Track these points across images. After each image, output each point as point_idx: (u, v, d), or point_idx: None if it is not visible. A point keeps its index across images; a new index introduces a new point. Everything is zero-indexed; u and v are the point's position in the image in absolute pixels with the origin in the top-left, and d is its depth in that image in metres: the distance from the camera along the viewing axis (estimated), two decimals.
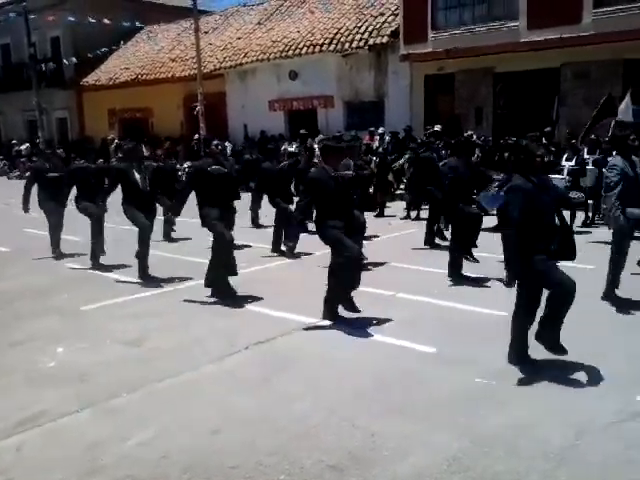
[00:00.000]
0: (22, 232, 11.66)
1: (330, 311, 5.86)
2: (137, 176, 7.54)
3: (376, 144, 16.35)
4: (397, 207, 13.14)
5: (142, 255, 7.68)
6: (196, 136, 21.17)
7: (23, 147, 27.66)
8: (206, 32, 24.45)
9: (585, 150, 10.80)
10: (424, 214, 12.06)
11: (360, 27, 18.48)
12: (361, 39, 18.08)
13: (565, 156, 11.19)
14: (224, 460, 3.52)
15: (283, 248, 9.08)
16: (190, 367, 4.90)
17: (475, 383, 4.40)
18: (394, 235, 10.39)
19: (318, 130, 18.82)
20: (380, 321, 5.79)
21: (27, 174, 14.49)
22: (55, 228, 9.42)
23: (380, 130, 16.82)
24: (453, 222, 7.57)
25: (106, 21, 23.90)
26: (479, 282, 7.10)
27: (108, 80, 26.11)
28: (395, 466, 3.40)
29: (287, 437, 3.74)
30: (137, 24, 26.79)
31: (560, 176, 10.09)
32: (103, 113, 26.74)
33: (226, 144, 20.03)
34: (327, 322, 5.86)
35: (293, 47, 19.60)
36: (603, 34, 13.26)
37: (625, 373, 4.42)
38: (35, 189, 9.48)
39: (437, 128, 13.91)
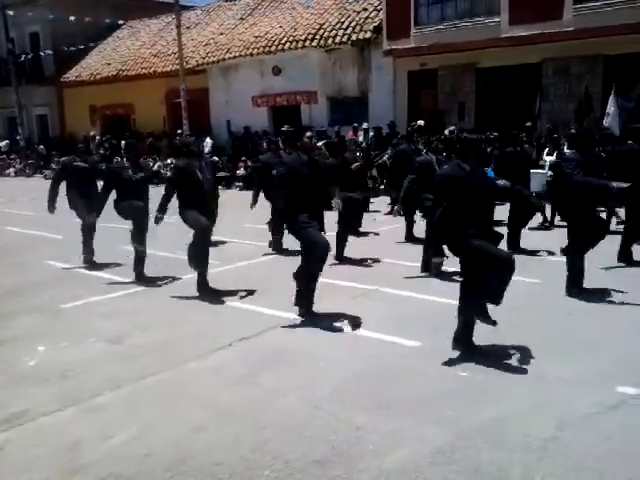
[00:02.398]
0: (4, 230, 11.52)
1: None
2: (200, 175, 6.60)
3: (360, 139, 16.38)
4: (381, 202, 13.15)
5: (202, 265, 6.73)
6: (179, 132, 21.03)
7: (2, 144, 27.34)
8: (188, 27, 24.28)
9: (565, 145, 10.90)
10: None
11: (343, 22, 18.46)
12: (344, 34, 18.06)
13: (546, 150, 11.29)
14: (208, 457, 3.51)
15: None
16: (174, 364, 4.87)
17: (459, 377, 4.43)
18: (378, 230, 10.40)
19: (302, 126, 18.78)
20: (365, 316, 5.80)
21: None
22: (88, 231, 8.39)
23: (364, 125, 16.83)
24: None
25: (87, 19, 23.60)
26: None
27: (89, 76, 25.82)
28: (380, 460, 3.41)
29: (272, 432, 3.74)
30: (118, 20, 26.53)
31: (542, 171, 10.17)
32: (84, 109, 26.44)
33: (207, 140, 20.02)
34: (310, 317, 5.86)
35: (276, 43, 19.53)
36: (583, 30, 13.38)
37: (605, 365, 4.47)
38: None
39: (420, 123, 13.94)
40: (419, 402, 4.06)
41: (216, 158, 19.15)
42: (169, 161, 20.11)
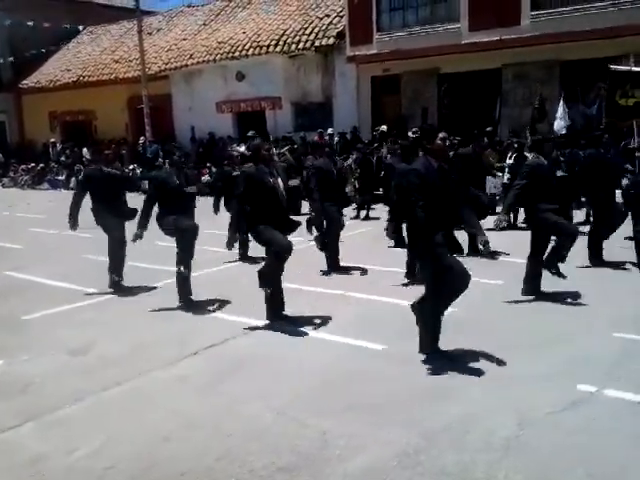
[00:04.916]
0: None
1: None
2: (272, 182, 5.70)
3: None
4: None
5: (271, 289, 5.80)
6: (142, 139, 20.78)
7: None
8: (150, 33, 24.06)
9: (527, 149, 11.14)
10: (372, 214, 12.21)
11: (306, 28, 18.54)
12: (307, 40, 18.14)
13: (509, 154, 11.52)
14: (173, 467, 3.47)
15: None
16: (138, 374, 4.80)
17: (422, 379, 4.48)
18: (344, 235, 10.44)
19: (267, 131, 18.78)
20: (330, 320, 5.82)
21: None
22: (118, 250, 7.31)
23: (329, 131, 16.91)
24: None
25: (46, 24, 23.16)
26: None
27: (49, 82, 25.34)
28: (346, 464, 3.42)
29: (237, 440, 3.72)
30: (78, 26, 26.12)
31: (500, 174, 10.43)
32: (44, 116, 25.94)
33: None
34: (276, 323, 5.85)
35: (239, 48, 19.49)
36: (541, 36, 13.73)
37: (565, 363, 4.57)
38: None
39: (383, 128, 14.08)
40: (384, 405, 4.09)
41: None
42: (131, 167, 19.88)
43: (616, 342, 4.99)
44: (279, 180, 5.77)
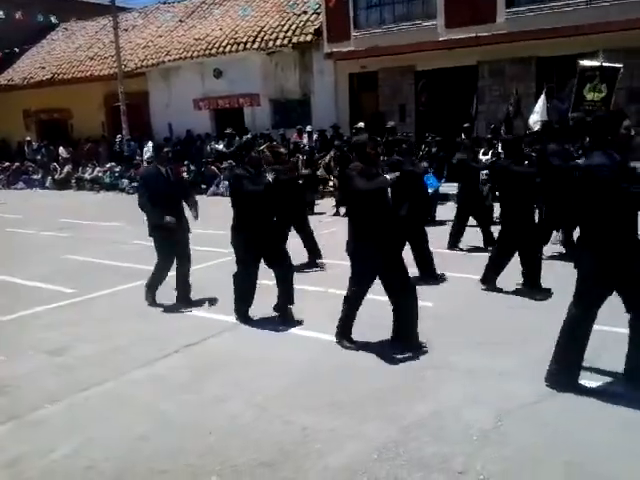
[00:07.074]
0: None
1: None
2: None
3: (304, 142, 16.45)
4: (326, 204, 13.28)
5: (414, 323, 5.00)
6: (119, 136, 20.57)
7: None
8: (126, 30, 23.79)
9: (500, 144, 11.25)
10: None
11: (283, 25, 18.49)
12: (285, 37, 18.08)
13: (482, 150, 11.61)
14: (153, 465, 3.47)
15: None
16: (117, 374, 4.78)
17: (401, 373, 4.52)
18: (324, 232, 10.48)
19: (245, 129, 18.71)
20: (310, 317, 5.84)
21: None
22: (164, 266, 6.48)
23: (308, 128, 16.91)
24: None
25: (18, 16, 22.75)
26: None
27: (22, 80, 24.92)
28: (327, 459, 3.45)
29: (218, 437, 3.73)
30: (52, 21, 25.69)
31: None
32: (18, 114, 25.51)
33: (149, 144, 19.65)
34: (257, 321, 5.85)
35: (216, 45, 19.37)
36: (516, 33, 13.87)
37: (544, 355, 4.63)
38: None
39: (361, 125, 14.12)
40: (364, 399, 4.12)
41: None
42: (108, 165, 19.69)
43: (592, 334, 5.06)
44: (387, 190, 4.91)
